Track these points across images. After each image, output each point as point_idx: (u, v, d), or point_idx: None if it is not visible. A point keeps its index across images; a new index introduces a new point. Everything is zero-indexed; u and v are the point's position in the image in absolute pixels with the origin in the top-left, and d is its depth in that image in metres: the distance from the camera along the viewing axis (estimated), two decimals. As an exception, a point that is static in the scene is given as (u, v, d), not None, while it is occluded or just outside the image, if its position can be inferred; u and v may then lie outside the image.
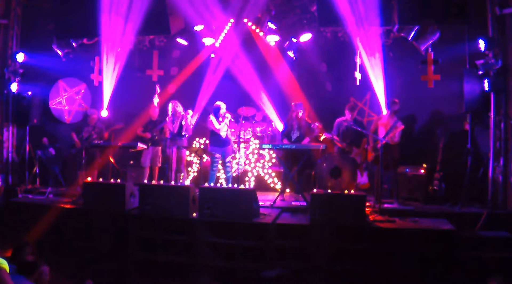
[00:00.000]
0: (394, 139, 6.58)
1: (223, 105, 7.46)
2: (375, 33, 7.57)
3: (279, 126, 8.78)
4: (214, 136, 7.44)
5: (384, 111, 7.07)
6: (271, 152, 8.34)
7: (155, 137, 7.84)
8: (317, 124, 7.46)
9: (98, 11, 7.51)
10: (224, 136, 7.43)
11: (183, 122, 7.49)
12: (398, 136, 6.59)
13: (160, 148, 7.93)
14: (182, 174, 7.68)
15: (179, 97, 8.12)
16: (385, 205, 6.28)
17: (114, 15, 7.56)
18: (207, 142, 8.91)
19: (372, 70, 7.49)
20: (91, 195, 6.30)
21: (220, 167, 7.79)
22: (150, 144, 7.71)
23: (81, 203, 6.42)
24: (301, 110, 7.25)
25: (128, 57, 8.46)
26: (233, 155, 7.74)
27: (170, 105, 7.64)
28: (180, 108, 7.64)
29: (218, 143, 7.42)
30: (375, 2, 6.71)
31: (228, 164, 7.49)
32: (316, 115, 8.61)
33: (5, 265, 1.40)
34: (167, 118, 7.63)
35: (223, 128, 7.37)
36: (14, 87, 7.86)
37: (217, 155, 7.44)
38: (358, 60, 8.00)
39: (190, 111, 7.70)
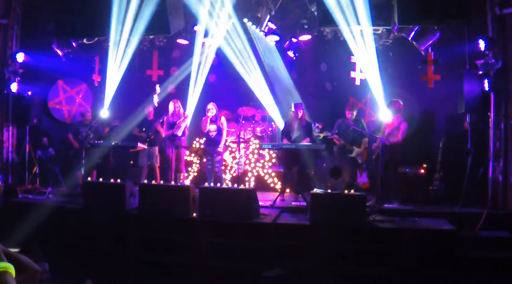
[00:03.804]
0: (395, 139, 6.57)
1: (209, 106, 7.52)
2: (374, 33, 7.57)
3: (280, 126, 8.78)
4: (205, 136, 7.77)
5: (384, 112, 7.05)
6: (271, 152, 8.34)
7: (150, 137, 7.85)
8: (317, 124, 7.46)
9: (99, 10, 7.51)
10: (212, 137, 7.52)
11: (181, 121, 7.51)
12: (402, 135, 6.59)
13: (157, 147, 7.94)
14: (182, 174, 7.68)
15: (179, 97, 8.13)
16: (385, 205, 6.28)
17: (115, 14, 7.55)
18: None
19: (372, 70, 7.48)
20: (91, 195, 6.30)
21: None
22: (147, 144, 7.72)
23: (81, 203, 6.42)
24: (301, 110, 7.25)
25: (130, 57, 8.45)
26: (220, 155, 7.77)
27: (171, 104, 7.66)
28: (181, 108, 7.67)
29: (208, 143, 7.67)
30: (375, 2, 6.71)
31: (216, 165, 7.55)
32: (316, 115, 8.62)
33: (12, 270, 1.39)
34: (165, 118, 7.65)
35: (210, 128, 7.56)
36: (14, 87, 7.85)
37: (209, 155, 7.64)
38: (357, 60, 8.01)
39: (187, 114, 7.70)
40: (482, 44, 6.31)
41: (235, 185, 6.41)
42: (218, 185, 6.61)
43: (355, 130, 7.24)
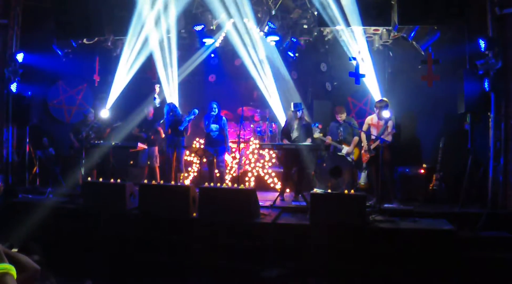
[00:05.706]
0: (387, 140, 6.56)
1: (213, 105, 7.51)
2: (374, 33, 7.58)
3: (279, 125, 8.78)
4: (206, 136, 7.65)
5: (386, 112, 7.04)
6: (271, 151, 8.34)
7: (150, 137, 7.85)
8: (317, 124, 7.47)
9: (99, 11, 7.51)
10: (214, 136, 7.47)
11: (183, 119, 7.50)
12: (391, 137, 6.58)
13: (156, 147, 7.94)
14: (182, 174, 7.68)
15: (179, 97, 8.13)
16: (385, 205, 6.28)
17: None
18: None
19: (372, 70, 7.50)
20: (91, 195, 6.30)
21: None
22: (147, 144, 7.72)
23: (81, 203, 6.42)
24: (301, 110, 7.25)
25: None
26: (226, 154, 7.75)
27: (166, 107, 7.66)
28: (177, 109, 7.66)
29: (210, 143, 7.56)
30: (375, 2, 6.71)
31: (220, 164, 7.51)
32: (316, 115, 8.62)
33: (13, 271, 1.39)
34: (162, 120, 7.64)
35: (212, 128, 7.50)
36: (14, 87, 7.84)
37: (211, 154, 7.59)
38: (357, 60, 8.02)
39: (196, 110, 7.67)
40: (482, 44, 6.31)
41: (235, 185, 6.41)
42: (218, 184, 6.60)
43: (345, 130, 7.31)
